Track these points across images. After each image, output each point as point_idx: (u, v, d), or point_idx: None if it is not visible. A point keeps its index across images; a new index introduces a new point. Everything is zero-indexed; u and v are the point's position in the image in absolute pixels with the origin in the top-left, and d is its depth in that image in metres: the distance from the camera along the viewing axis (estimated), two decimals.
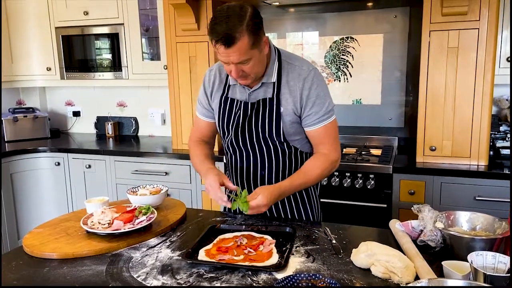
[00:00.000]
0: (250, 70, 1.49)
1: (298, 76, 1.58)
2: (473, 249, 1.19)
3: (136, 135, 3.78)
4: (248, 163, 1.68)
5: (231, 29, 1.38)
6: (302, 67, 1.59)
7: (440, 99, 2.47)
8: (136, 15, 3.21)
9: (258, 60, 1.49)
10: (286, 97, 1.58)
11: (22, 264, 1.35)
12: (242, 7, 1.43)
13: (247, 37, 1.40)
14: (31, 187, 3.32)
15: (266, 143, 1.63)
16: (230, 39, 1.38)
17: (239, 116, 1.63)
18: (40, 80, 3.62)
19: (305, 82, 1.57)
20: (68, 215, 1.71)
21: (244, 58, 1.44)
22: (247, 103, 1.62)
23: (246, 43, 1.41)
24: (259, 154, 1.65)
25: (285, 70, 1.59)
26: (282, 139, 1.61)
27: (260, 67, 1.52)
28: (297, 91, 1.57)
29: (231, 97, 1.66)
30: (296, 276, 1.13)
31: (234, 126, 1.65)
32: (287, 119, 1.59)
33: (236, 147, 1.68)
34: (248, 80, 1.54)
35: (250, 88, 1.61)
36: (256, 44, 1.44)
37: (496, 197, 2.30)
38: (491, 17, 2.30)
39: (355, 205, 2.54)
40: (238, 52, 1.41)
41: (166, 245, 1.45)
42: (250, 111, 1.61)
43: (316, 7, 3.06)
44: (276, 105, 1.58)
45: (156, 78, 3.24)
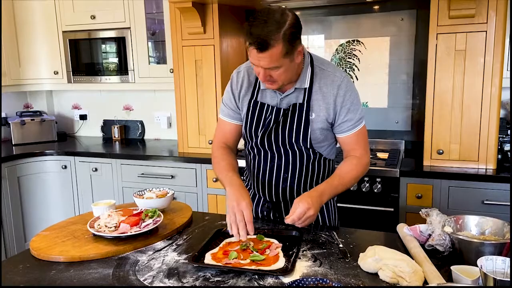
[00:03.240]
0: (278, 77, 1.47)
1: (331, 82, 1.56)
2: (482, 253, 1.18)
3: (142, 139, 3.79)
4: (272, 165, 1.66)
5: (267, 35, 1.35)
6: (336, 74, 1.58)
7: (448, 102, 2.45)
8: (143, 19, 3.23)
9: (287, 68, 1.46)
10: (319, 103, 1.57)
11: (29, 267, 1.35)
12: (283, 13, 1.40)
13: (281, 46, 1.37)
14: (38, 190, 3.34)
15: (292, 148, 1.61)
16: (264, 45, 1.36)
17: (269, 121, 1.60)
18: (47, 84, 3.64)
19: (339, 89, 1.55)
20: (75, 218, 1.71)
21: (275, 65, 1.42)
22: (279, 108, 1.59)
23: (279, 52, 1.38)
24: (284, 157, 1.63)
25: (317, 76, 1.58)
26: (308, 145, 1.60)
27: (288, 75, 1.49)
28: (331, 98, 1.56)
29: (261, 101, 1.63)
30: (303, 280, 1.13)
31: (263, 131, 1.62)
32: (317, 126, 1.58)
33: (261, 148, 1.66)
34: (275, 85, 1.51)
35: (282, 93, 1.59)
36: (289, 54, 1.42)
37: (505, 201, 2.28)
38: (498, 20, 2.29)
39: (362, 209, 2.53)
40: (269, 58, 1.39)
41: (173, 248, 1.45)
42: (282, 117, 1.59)
43: (322, 10, 3.06)
44: (305, 111, 1.57)
45: (162, 82, 3.25)
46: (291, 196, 1.67)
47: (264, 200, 1.74)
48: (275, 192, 1.68)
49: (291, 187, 1.66)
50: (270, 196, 1.70)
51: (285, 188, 1.66)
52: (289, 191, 1.67)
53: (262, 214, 1.76)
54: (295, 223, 1.43)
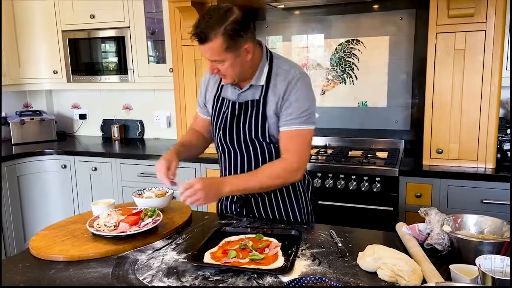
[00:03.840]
0: (224, 71, 1.55)
1: (284, 79, 1.60)
2: (481, 252, 1.18)
3: (141, 138, 3.79)
4: (236, 162, 1.71)
5: (207, 29, 1.45)
6: (290, 71, 1.61)
7: (447, 101, 2.45)
8: (142, 19, 3.23)
9: (233, 64, 1.53)
10: (271, 99, 1.62)
11: (29, 266, 1.35)
12: (229, 10, 1.48)
13: (221, 40, 1.46)
14: (38, 189, 3.34)
15: (253, 144, 1.66)
16: (203, 37, 1.47)
17: (227, 115, 1.68)
18: (46, 83, 3.64)
19: (289, 84, 1.59)
20: (75, 218, 1.72)
21: (217, 58, 1.51)
22: (235, 102, 1.66)
23: (219, 45, 1.47)
24: (246, 153, 1.68)
25: (274, 74, 1.63)
26: (268, 140, 1.64)
27: (236, 70, 1.56)
28: (280, 93, 1.60)
29: (222, 96, 1.72)
30: (302, 279, 1.13)
31: (222, 125, 1.70)
32: (271, 121, 1.62)
33: (224, 145, 1.72)
34: (227, 79, 1.60)
35: (240, 89, 1.66)
36: (231, 49, 1.49)
37: (504, 200, 2.28)
38: (498, 19, 2.29)
39: (361, 208, 2.53)
40: (210, 51, 1.49)
41: (172, 247, 1.45)
42: (238, 111, 1.66)
43: (321, 9, 3.06)
44: (262, 107, 1.62)
45: (161, 81, 3.25)
46: (258, 192, 1.69)
47: (235, 197, 1.77)
48: None
49: None
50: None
51: None
52: None
53: (236, 211, 1.79)
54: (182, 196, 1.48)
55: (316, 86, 3.16)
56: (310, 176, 2.60)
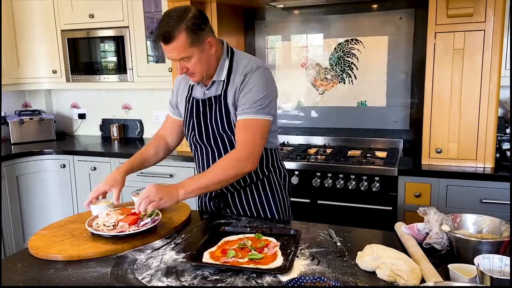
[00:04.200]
0: (193, 67, 1.59)
1: (241, 72, 1.65)
2: (479, 252, 1.18)
3: (141, 138, 3.79)
4: (207, 158, 1.75)
5: (169, 28, 1.50)
6: (248, 65, 1.65)
7: (446, 101, 2.45)
8: (141, 18, 3.23)
9: (200, 58, 1.58)
10: (230, 93, 1.66)
11: (28, 265, 1.35)
12: (186, 9, 1.55)
13: (184, 36, 1.51)
14: (37, 189, 3.34)
15: (222, 138, 1.70)
16: (167, 36, 1.51)
17: (196, 113, 1.73)
18: (46, 83, 3.63)
19: (245, 76, 1.63)
20: (74, 217, 1.72)
21: (184, 55, 1.55)
22: (201, 100, 1.72)
23: (183, 41, 1.52)
24: (216, 149, 1.72)
25: (234, 69, 1.68)
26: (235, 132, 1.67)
27: (204, 65, 1.61)
28: (237, 85, 1.64)
29: (193, 96, 1.77)
30: (301, 279, 1.13)
31: (191, 123, 1.75)
32: (234, 113, 1.66)
33: (196, 143, 1.77)
34: (196, 77, 1.64)
35: (205, 86, 1.71)
36: (195, 43, 1.55)
37: (503, 199, 2.28)
38: (497, 19, 2.29)
39: (360, 208, 2.53)
40: (176, 49, 1.53)
41: (171, 247, 1.45)
42: (202, 108, 1.71)
43: (320, 9, 3.06)
44: (224, 101, 1.66)
45: (161, 81, 3.25)
46: (232, 185, 1.73)
47: (214, 193, 1.80)
48: None
49: None
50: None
51: None
52: None
53: (214, 207, 1.83)
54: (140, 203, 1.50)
55: (315, 85, 3.16)
56: (309, 175, 2.62)
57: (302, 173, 2.64)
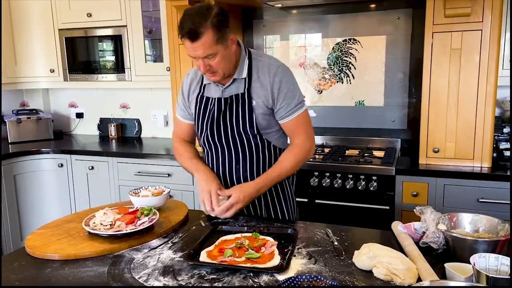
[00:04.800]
0: (217, 65, 1.58)
1: (268, 71, 1.67)
2: (476, 251, 1.18)
3: (139, 137, 3.78)
4: (223, 158, 1.75)
5: (196, 25, 1.49)
6: (271, 63, 1.70)
7: (443, 100, 2.46)
8: (139, 17, 3.22)
9: (224, 56, 1.58)
10: (258, 91, 1.67)
11: (24, 264, 1.35)
12: (209, 7, 1.55)
13: (211, 32, 1.51)
14: (34, 188, 3.33)
15: (240, 137, 1.70)
16: (195, 34, 1.50)
17: (213, 113, 1.71)
18: (43, 82, 3.63)
19: (275, 76, 1.66)
20: (71, 216, 1.71)
21: (210, 53, 1.54)
22: (220, 98, 1.69)
23: (210, 38, 1.51)
24: (233, 148, 1.72)
25: (255, 67, 1.69)
26: (255, 131, 1.68)
27: (227, 63, 1.61)
28: (268, 85, 1.66)
29: (206, 96, 1.75)
30: (298, 278, 1.13)
31: (209, 123, 1.72)
32: (258, 112, 1.67)
33: (211, 143, 1.75)
34: (217, 76, 1.63)
35: (223, 85, 1.70)
36: (220, 40, 1.55)
37: (500, 199, 2.29)
38: (494, 19, 2.30)
39: (358, 207, 2.54)
40: (203, 46, 1.52)
41: (168, 246, 1.45)
42: (224, 106, 1.69)
43: (319, 9, 3.06)
44: (248, 99, 1.67)
45: (159, 80, 3.25)
46: None
47: None
48: (231, 183, 1.76)
49: (244, 177, 1.74)
50: (227, 187, 1.75)
51: (239, 178, 1.75)
52: (243, 180, 1.74)
53: None
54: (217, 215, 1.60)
55: (313, 85, 3.16)
56: (307, 174, 2.62)
57: (300, 172, 2.62)
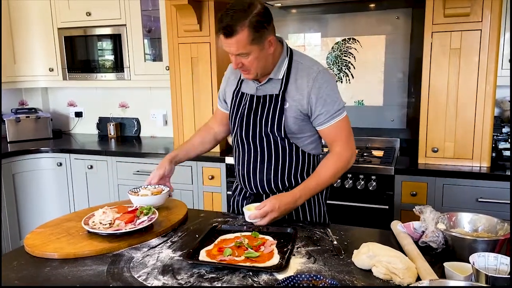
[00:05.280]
0: (249, 64, 1.56)
1: (307, 75, 1.61)
2: (475, 250, 1.18)
3: (138, 136, 3.78)
4: (249, 156, 1.72)
5: (233, 22, 1.46)
6: (312, 67, 1.63)
7: (442, 100, 2.46)
8: (139, 16, 3.22)
9: (258, 56, 1.54)
10: (293, 94, 1.62)
11: (24, 263, 1.35)
12: (251, 4, 1.50)
13: (247, 32, 1.47)
14: (33, 187, 3.33)
15: (268, 138, 1.66)
16: (230, 30, 1.47)
17: (244, 109, 1.69)
18: (42, 81, 3.62)
19: (315, 81, 1.60)
20: (70, 215, 1.71)
21: (243, 51, 1.52)
22: (253, 96, 1.67)
23: (245, 38, 1.48)
24: (259, 148, 1.69)
25: (294, 69, 1.64)
26: (283, 135, 1.64)
27: (261, 63, 1.57)
28: (305, 90, 1.61)
29: (242, 91, 1.73)
30: (297, 277, 1.13)
31: (240, 119, 1.71)
32: (290, 115, 1.62)
33: (239, 140, 1.73)
34: (250, 74, 1.60)
35: (259, 83, 1.67)
36: (256, 41, 1.51)
37: (498, 198, 2.29)
38: (493, 18, 2.30)
39: (357, 207, 2.54)
40: (236, 44, 1.49)
41: (167, 245, 1.45)
42: (255, 105, 1.67)
43: (318, 8, 3.06)
44: (280, 101, 1.62)
45: (158, 79, 3.25)
46: (269, 188, 1.72)
47: (247, 192, 1.79)
48: (254, 183, 1.73)
49: (268, 179, 1.70)
50: (251, 187, 1.75)
51: (262, 179, 1.71)
52: (266, 182, 1.71)
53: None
54: (253, 221, 1.53)
55: None
56: None
57: None
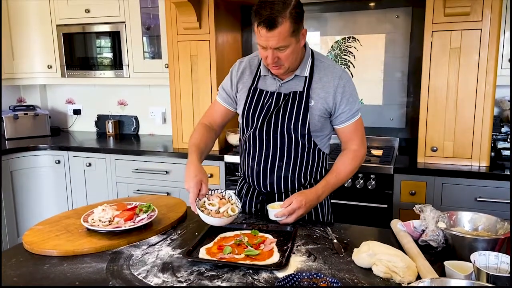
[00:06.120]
0: (285, 58, 1.53)
1: (332, 74, 1.64)
2: (475, 249, 1.19)
3: (136, 134, 3.77)
4: (267, 153, 1.68)
5: (275, 13, 1.44)
6: (336, 67, 1.67)
7: (442, 99, 2.46)
8: (138, 14, 3.21)
9: (294, 49, 1.53)
10: (318, 91, 1.63)
11: (23, 260, 1.34)
12: None
13: (288, 23, 1.45)
14: (31, 185, 3.32)
15: (289, 135, 1.65)
16: (273, 22, 1.44)
17: (269, 106, 1.65)
18: (41, 78, 3.61)
19: (340, 79, 1.63)
20: (69, 213, 1.71)
21: (283, 44, 1.48)
22: (279, 93, 1.65)
23: (287, 29, 1.46)
24: (279, 145, 1.67)
25: (317, 67, 1.65)
26: (305, 132, 1.63)
27: (295, 57, 1.57)
28: (331, 88, 1.62)
29: (260, 88, 1.69)
30: (298, 275, 1.13)
31: (261, 116, 1.66)
32: (315, 113, 1.63)
33: (258, 137, 1.68)
34: (281, 69, 1.58)
35: (281, 80, 1.66)
36: (295, 33, 1.49)
37: (497, 198, 2.30)
38: (493, 18, 2.30)
39: (356, 205, 2.54)
40: (278, 36, 1.46)
41: (167, 243, 1.45)
42: (281, 102, 1.64)
43: (317, 6, 3.05)
44: (305, 99, 1.62)
45: (157, 77, 3.24)
46: (285, 186, 1.69)
47: (258, 192, 1.75)
48: (269, 182, 1.70)
49: (285, 176, 1.68)
50: (265, 186, 1.71)
51: (279, 177, 1.68)
52: (283, 181, 1.69)
53: (256, 208, 1.75)
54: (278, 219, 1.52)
55: None
56: None
57: None
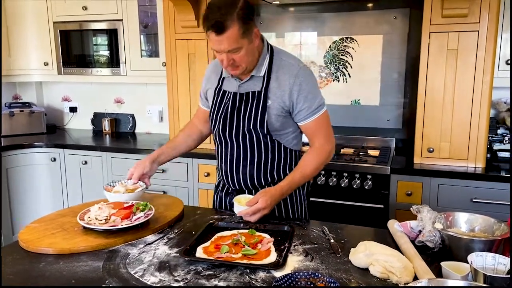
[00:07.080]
0: (240, 59, 1.55)
1: (288, 71, 1.63)
2: (472, 250, 1.19)
3: (133, 132, 3.76)
4: (232, 153, 1.73)
5: (222, 17, 1.45)
6: (293, 64, 1.65)
7: (439, 100, 2.47)
8: (135, 11, 3.20)
9: (248, 50, 1.54)
10: (275, 91, 1.63)
11: (18, 258, 1.33)
12: None
13: (237, 25, 1.47)
14: (27, 182, 3.30)
15: (250, 135, 1.67)
16: (221, 26, 1.45)
17: (227, 107, 1.69)
18: (37, 75, 3.59)
19: (296, 78, 1.62)
20: (65, 211, 1.70)
21: (235, 46, 1.50)
22: (236, 94, 1.68)
23: (236, 31, 1.47)
24: (242, 145, 1.70)
25: (275, 65, 1.65)
26: (265, 131, 1.65)
27: (250, 57, 1.58)
28: (287, 86, 1.62)
29: (224, 89, 1.73)
30: (295, 275, 1.13)
31: (222, 117, 1.71)
32: (273, 113, 1.64)
33: (222, 137, 1.74)
34: (238, 70, 1.60)
35: (240, 80, 1.68)
36: (246, 34, 1.51)
37: (493, 199, 2.31)
38: (491, 20, 2.31)
39: (352, 206, 2.54)
40: (228, 39, 1.48)
41: (164, 242, 1.44)
42: (238, 102, 1.67)
43: (315, 7, 3.05)
44: (263, 98, 1.63)
45: (154, 75, 3.23)
46: (252, 184, 1.73)
47: (230, 189, 1.79)
48: (237, 180, 1.74)
49: (251, 175, 1.72)
50: (234, 184, 1.75)
51: (245, 176, 1.72)
52: (249, 179, 1.72)
53: (230, 203, 1.78)
54: (244, 217, 1.56)
55: None
56: None
57: None
